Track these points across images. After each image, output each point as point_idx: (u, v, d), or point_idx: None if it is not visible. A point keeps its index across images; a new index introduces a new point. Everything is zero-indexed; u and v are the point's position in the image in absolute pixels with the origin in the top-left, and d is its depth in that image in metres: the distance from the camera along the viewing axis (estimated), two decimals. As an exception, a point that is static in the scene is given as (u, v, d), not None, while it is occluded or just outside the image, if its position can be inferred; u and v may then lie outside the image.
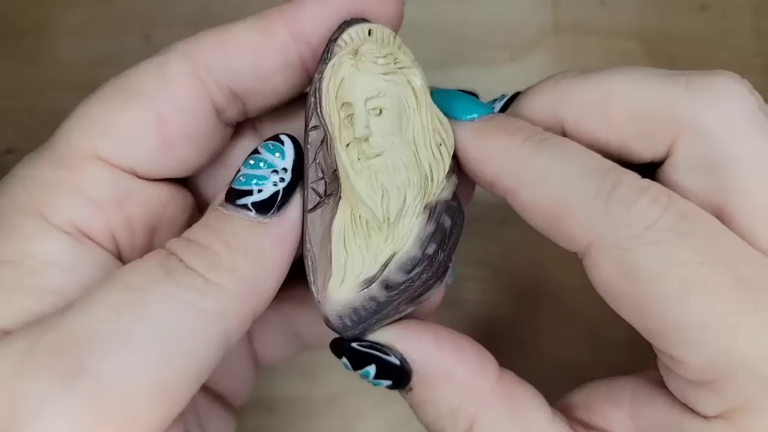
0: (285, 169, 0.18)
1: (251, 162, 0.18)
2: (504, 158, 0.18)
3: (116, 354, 0.15)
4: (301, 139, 0.19)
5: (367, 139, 0.18)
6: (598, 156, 0.18)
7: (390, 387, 0.19)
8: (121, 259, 0.19)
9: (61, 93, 0.30)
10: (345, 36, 0.18)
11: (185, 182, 0.21)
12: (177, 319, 0.15)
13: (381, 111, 0.18)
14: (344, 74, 0.18)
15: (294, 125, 0.23)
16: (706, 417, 0.17)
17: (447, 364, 0.19)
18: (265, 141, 0.18)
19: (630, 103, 0.18)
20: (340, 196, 0.19)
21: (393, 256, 0.18)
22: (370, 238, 0.18)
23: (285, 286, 0.20)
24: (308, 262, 0.19)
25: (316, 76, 0.18)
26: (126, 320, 0.15)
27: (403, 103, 0.18)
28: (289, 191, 0.18)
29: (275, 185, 0.18)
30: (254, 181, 0.18)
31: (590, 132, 0.19)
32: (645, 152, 0.18)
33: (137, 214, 0.19)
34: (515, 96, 0.21)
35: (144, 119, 0.18)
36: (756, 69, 0.31)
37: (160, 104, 0.18)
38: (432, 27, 0.31)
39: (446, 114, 0.19)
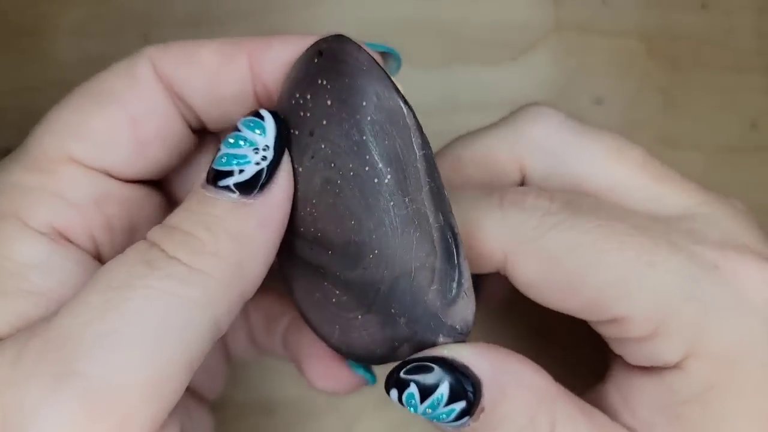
0: (267, 147, 0.17)
1: (231, 141, 0.17)
2: None
3: (103, 353, 0.15)
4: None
5: None
6: (476, 186, 0.21)
7: (461, 414, 0.17)
8: (101, 259, 0.19)
9: (59, 92, 0.30)
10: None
11: (156, 183, 0.21)
12: (162, 312, 0.15)
13: None
14: None
15: None
16: (678, 366, 0.18)
17: (515, 368, 0.18)
18: (244, 117, 0.17)
19: (474, 155, 0.21)
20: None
21: None
22: None
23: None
24: (460, 277, 0.17)
25: (409, 111, 0.17)
26: (111, 319, 0.15)
27: None
28: (272, 169, 0.17)
29: (257, 164, 0.17)
30: (235, 161, 0.17)
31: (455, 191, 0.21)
32: (504, 183, 0.21)
33: (116, 214, 0.19)
34: None
35: (117, 122, 0.18)
36: (758, 68, 0.31)
37: (131, 106, 0.18)
38: (432, 27, 0.31)
39: None
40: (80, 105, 0.19)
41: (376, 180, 0.17)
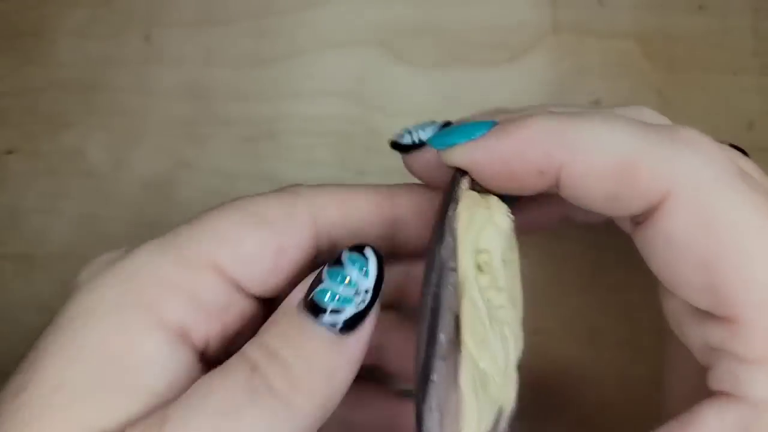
0: (368, 290, 0.18)
1: (337, 277, 0.18)
2: (548, 136, 0.17)
3: None
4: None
5: (499, 290, 0.18)
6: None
7: None
8: (202, 358, 0.20)
9: (61, 93, 0.30)
10: (464, 182, 0.19)
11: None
12: None
13: (505, 263, 0.18)
14: (481, 222, 0.18)
15: None
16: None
17: None
18: (350, 250, 0.18)
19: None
20: (460, 342, 0.17)
21: (502, 408, 0.18)
22: (487, 391, 0.17)
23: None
24: (433, 414, 0.17)
25: (450, 212, 0.18)
26: None
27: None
28: (367, 312, 0.18)
29: (356, 307, 0.17)
30: (337, 299, 0.17)
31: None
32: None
33: (232, 324, 0.20)
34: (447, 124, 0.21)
35: (267, 246, 0.19)
36: (754, 69, 0.32)
37: (283, 236, 0.20)
38: (431, 27, 0.31)
39: (454, 144, 0.19)
40: (238, 221, 0.20)
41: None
